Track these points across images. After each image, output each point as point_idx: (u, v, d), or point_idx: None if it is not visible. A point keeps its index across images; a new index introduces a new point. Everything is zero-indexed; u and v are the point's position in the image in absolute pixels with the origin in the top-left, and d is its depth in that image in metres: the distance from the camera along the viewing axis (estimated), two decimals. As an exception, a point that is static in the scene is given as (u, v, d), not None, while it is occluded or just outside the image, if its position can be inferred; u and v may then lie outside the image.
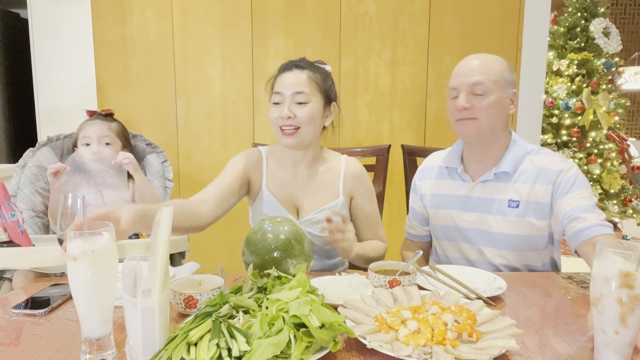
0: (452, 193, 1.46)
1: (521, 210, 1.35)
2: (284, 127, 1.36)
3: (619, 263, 0.72)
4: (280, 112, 1.36)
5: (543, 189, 1.33)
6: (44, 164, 1.79)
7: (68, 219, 0.98)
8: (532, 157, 1.38)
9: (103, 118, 1.78)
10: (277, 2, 2.67)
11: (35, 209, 1.74)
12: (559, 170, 1.33)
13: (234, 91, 2.74)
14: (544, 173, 1.34)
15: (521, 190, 1.35)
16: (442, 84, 2.74)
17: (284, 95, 1.37)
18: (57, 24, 2.67)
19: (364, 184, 1.48)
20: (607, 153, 3.92)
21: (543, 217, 1.34)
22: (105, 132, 1.74)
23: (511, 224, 1.36)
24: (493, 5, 2.68)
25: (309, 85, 1.37)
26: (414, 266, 1.15)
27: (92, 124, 1.75)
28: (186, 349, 0.75)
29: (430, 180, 1.52)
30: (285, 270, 1.10)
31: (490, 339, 0.83)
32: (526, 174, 1.36)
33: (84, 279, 0.77)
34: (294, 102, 1.36)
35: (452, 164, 1.47)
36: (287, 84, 1.37)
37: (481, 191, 1.40)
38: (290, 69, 1.39)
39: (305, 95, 1.36)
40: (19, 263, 1.26)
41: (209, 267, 1.23)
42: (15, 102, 3.78)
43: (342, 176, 1.46)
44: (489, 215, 1.38)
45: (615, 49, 3.95)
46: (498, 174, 1.38)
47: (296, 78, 1.37)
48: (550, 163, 1.35)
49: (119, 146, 1.78)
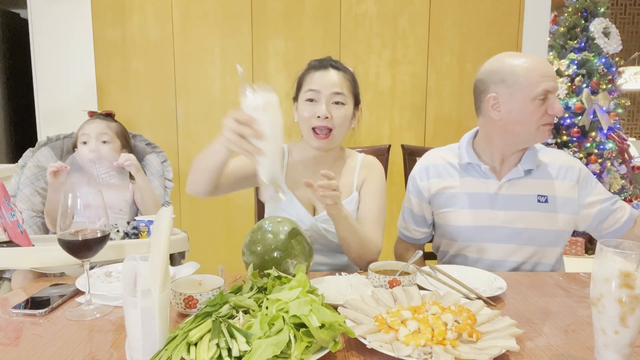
0: (477, 191, 1.41)
1: (550, 205, 1.37)
2: (318, 127, 1.33)
3: (619, 263, 0.72)
4: (317, 110, 1.32)
5: (569, 185, 1.38)
6: (44, 164, 1.79)
7: (68, 219, 0.98)
8: (542, 154, 1.43)
9: (103, 118, 1.78)
10: (277, 2, 2.67)
11: (35, 209, 1.74)
12: (579, 168, 1.40)
13: (234, 91, 2.74)
14: (565, 170, 1.40)
15: (547, 185, 1.38)
16: (442, 84, 2.74)
17: (321, 93, 1.33)
18: (57, 24, 2.67)
19: (374, 174, 1.46)
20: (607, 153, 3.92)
21: (570, 212, 1.39)
22: (104, 130, 1.74)
23: (541, 219, 1.37)
24: (493, 5, 2.68)
25: (346, 87, 1.36)
26: (414, 266, 1.15)
27: (91, 123, 1.75)
28: (186, 349, 0.75)
29: (440, 179, 1.45)
30: (285, 270, 1.10)
31: (490, 339, 0.83)
32: (548, 169, 1.40)
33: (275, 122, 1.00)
34: (331, 101, 1.34)
35: (474, 160, 1.41)
36: (325, 83, 1.33)
37: (509, 188, 1.39)
38: (326, 68, 1.36)
39: (343, 96, 1.35)
40: (19, 263, 1.26)
41: (209, 267, 1.23)
42: (15, 102, 3.78)
43: (357, 172, 1.45)
44: (519, 211, 1.38)
45: (615, 49, 3.94)
46: (525, 171, 1.39)
47: (335, 78, 1.34)
48: (568, 161, 1.41)
49: (118, 145, 1.77)
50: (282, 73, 2.72)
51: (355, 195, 1.44)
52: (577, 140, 3.90)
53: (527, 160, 1.38)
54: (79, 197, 0.97)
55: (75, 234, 0.98)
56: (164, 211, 0.83)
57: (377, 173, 1.47)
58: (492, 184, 1.40)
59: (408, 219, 1.54)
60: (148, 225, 1.46)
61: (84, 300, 1.02)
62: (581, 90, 3.88)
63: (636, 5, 6.08)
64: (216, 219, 2.82)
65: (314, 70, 1.37)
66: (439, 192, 1.45)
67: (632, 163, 4.11)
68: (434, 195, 1.46)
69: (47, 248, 1.24)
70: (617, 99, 4.05)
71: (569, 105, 3.88)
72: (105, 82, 2.71)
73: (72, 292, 1.11)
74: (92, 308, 1.01)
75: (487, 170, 1.40)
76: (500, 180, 1.40)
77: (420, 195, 1.49)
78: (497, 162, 1.41)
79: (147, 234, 1.46)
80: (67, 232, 0.98)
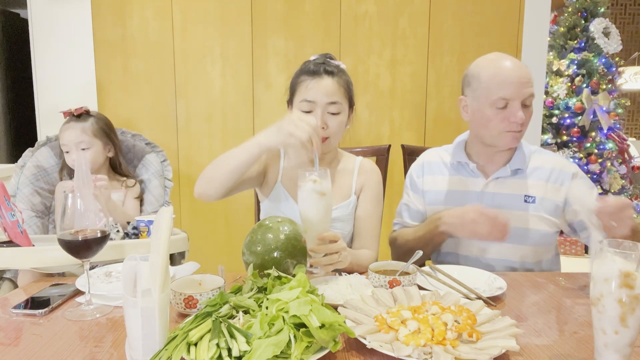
0: (465, 189, 1.44)
1: (538, 206, 1.38)
2: None
3: (619, 263, 0.72)
4: None
5: (557, 188, 1.38)
6: (43, 164, 1.79)
7: (68, 219, 0.98)
8: (537, 156, 1.43)
9: (76, 119, 1.70)
10: (277, 2, 2.67)
11: (35, 209, 1.74)
12: (572, 173, 1.39)
13: (234, 91, 2.74)
14: (557, 174, 1.39)
15: (536, 186, 1.39)
16: (442, 84, 2.74)
17: (316, 104, 1.33)
18: (57, 24, 2.67)
19: (372, 180, 1.47)
20: (607, 153, 3.92)
21: (556, 215, 1.39)
22: (79, 137, 1.66)
23: (528, 219, 1.38)
24: (493, 5, 2.68)
25: (340, 93, 1.36)
26: (414, 266, 1.15)
27: (66, 130, 1.68)
28: (186, 349, 0.75)
29: (433, 176, 1.50)
30: (285, 270, 1.10)
31: (490, 339, 0.83)
32: (539, 171, 1.40)
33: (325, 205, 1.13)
34: (327, 111, 1.34)
35: (462, 159, 1.45)
36: (320, 93, 1.33)
37: (496, 187, 1.41)
38: (320, 75, 1.34)
39: (338, 105, 1.35)
40: (19, 263, 1.26)
41: (209, 267, 1.23)
42: (15, 102, 3.78)
43: (355, 175, 1.46)
44: (505, 210, 1.38)
45: (615, 49, 3.94)
46: (513, 171, 1.40)
47: (330, 86, 1.34)
48: (562, 165, 1.41)
49: (100, 145, 1.71)
50: (282, 73, 2.72)
51: (354, 199, 1.45)
52: (577, 140, 3.90)
53: (516, 160, 1.40)
54: (78, 197, 0.98)
55: (75, 234, 0.98)
56: (164, 211, 0.83)
57: (375, 179, 1.49)
58: (480, 182, 1.43)
59: (411, 217, 1.53)
60: (148, 225, 1.46)
61: (84, 300, 1.03)
62: (581, 90, 3.88)
63: (636, 5, 6.08)
64: (216, 219, 2.82)
65: (308, 78, 1.35)
66: (430, 189, 1.49)
67: (632, 163, 4.11)
68: (427, 192, 1.50)
69: (47, 248, 1.24)
70: (617, 99, 4.05)
71: (569, 105, 3.88)
72: (105, 82, 2.71)
73: (72, 292, 1.11)
74: (92, 308, 1.01)
75: (474, 168, 1.43)
76: (487, 179, 1.42)
77: (416, 190, 1.52)
78: (483, 161, 1.44)
79: (147, 234, 1.46)
80: (67, 232, 0.98)
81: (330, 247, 1.14)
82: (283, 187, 1.44)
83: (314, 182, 1.12)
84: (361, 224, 1.44)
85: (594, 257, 0.76)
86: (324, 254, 1.14)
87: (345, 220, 1.43)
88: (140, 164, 1.89)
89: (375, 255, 1.44)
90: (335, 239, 1.15)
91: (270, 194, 1.46)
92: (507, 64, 1.32)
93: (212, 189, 1.29)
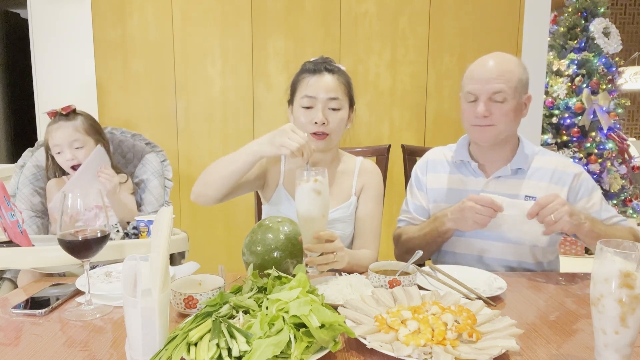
0: (465, 188, 1.44)
1: None
2: (315, 133, 1.35)
3: (619, 263, 0.72)
4: (314, 117, 1.34)
5: (558, 189, 1.37)
6: (43, 164, 1.79)
7: (69, 219, 0.98)
8: (540, 157, 1.43)
9: (65, 118, 1.66)
10: (277, 2, 2.67)
11: (35, 209, 1.74)
12: (574, 173, 1.39)
13: (234, 91, 2.74)
14: (559, 174, 1.39)
15: (537, 187, 1.38)
16: (442, 84, 2.74)
17: (317, 99, 1.35)
18: (57, 24, 2.67)
19: (373, 180, 1.47)
20: (607, 153, 3.91)
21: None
22: (72, 135, 1.63)
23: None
24: (493, 5, 2.68)
25: (341, 91, 1.37)
26: (414, 266, 1.15)
27: (57, 129, 1.64)
28: (186, 349, 0.75)
29: (436, 174, 1.50)
30: (285, 270, 1.10)
31: (490, 339, 0.83)
32: (541, 172, 1.40)
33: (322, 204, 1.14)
34: (327, 107, 1.35)
35: (464, 158, 1.46)
36: (321, 89, 1.35)
37: (496, 186, 1.41)
38: (321, 72, 1.37)
39: (338, 101, 1.36)
40: (19, 263, 1.26)
41: (209, 267, 1.23)
42: (15, 102, 3.78)
43: (355, 176, 1.46)
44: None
45: (615, 49, 3.94)
46: (513, 170, 1.40)
47: (331, 83, 1.36)
48: (565, 166, 1.40)
49: (92, 143, 1.68)
50: (282, 73, 2.72)
51: (354, 200, 1.45)
52: (577, 140, 3.90)
53: (517, 160, 1.40)
54: (78, 197, 0.98)
55: (75, 234, 0.98)
56: (164, 211, 0.83)
57: (375, 179, 1.49)
58: (480, 181, 1.43)
59: (418, 213, 1.52)
60: (148, 225, 1.46)
61: (84, 300, 1.03)
62: (581, 90, 3.88)
63: (636, 5, 6.08)
64: (216, 219, 2.82)
65: (309, 75, 1.38)
66: (433, 187, 1.50)
67: (632, 163, 4.10)
68: (430, 189, 1.50)
69: (47, 248, 1.24)
70: (617, 99, 4.05)
71: (569, 105, 3.88)
72: (105, 82, 2.71)
73: (72, 292, 1.11)
74: (92, 308, 1.01)
75: (475, 167, 1.44)
76: (488, 178, 1.42)
77: (421, 187, 1.53)
78: (484, 160, 1.45)
79: (147, 234, 1.46)
80: (67, 232, 0.98)
81: (326, 246, 1.14)
82: (285, 189, 1.44)
83: (311, 181, 1.13)
84: (362, 224, 1.45)
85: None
86: (320, 253, 1.13)
87: (346, 222, 1.43)
88: (140, 164, 1.89)
89: (376, 255, 1.44)
90: (332, 239, 1.15)
91: (271, 197, 1.46)
92: (487, 61, 1.34)
93: (207, 194, 1.30)
